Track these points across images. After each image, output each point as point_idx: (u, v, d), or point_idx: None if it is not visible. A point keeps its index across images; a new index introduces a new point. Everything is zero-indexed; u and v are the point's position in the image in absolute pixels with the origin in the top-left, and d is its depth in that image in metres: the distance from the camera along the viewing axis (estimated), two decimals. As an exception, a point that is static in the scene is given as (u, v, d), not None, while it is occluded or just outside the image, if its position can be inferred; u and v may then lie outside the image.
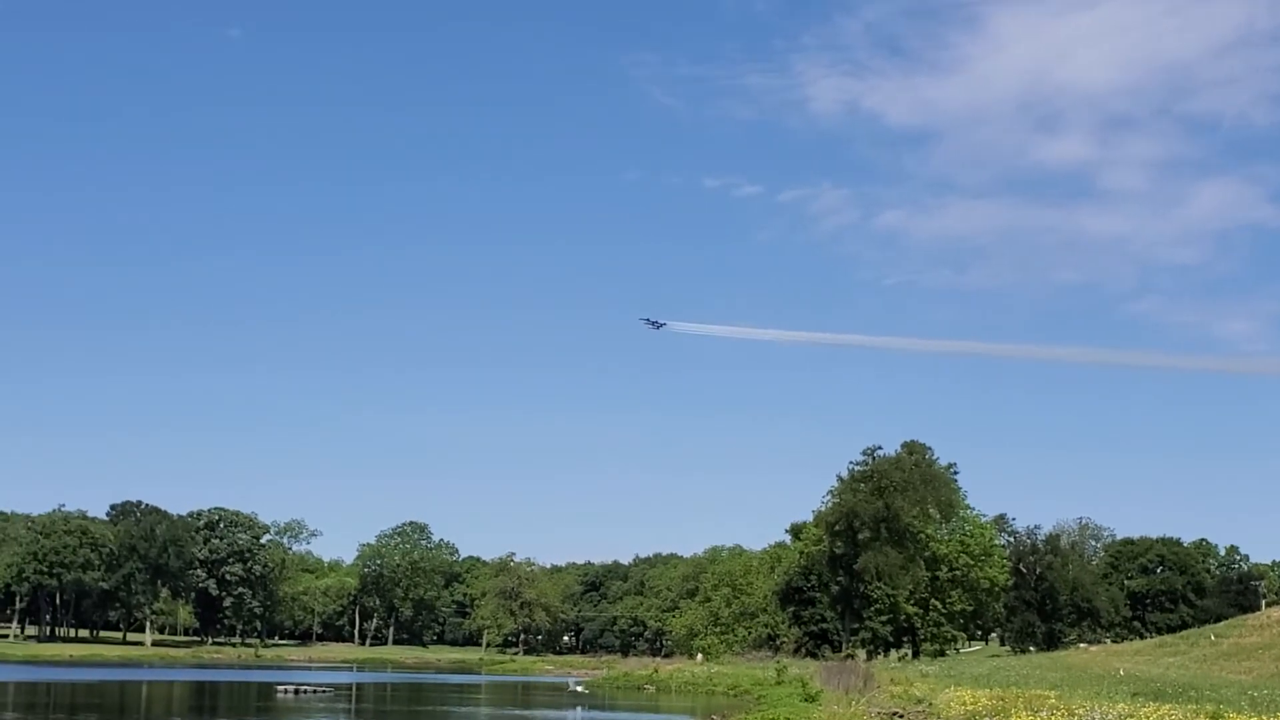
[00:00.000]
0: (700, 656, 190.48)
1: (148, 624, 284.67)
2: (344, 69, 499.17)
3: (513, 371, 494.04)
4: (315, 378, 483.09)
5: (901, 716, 69.02)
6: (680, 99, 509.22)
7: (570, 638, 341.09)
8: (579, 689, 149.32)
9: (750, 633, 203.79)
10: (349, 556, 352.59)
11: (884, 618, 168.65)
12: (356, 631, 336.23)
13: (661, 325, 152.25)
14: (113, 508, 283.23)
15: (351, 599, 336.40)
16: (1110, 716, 53.56)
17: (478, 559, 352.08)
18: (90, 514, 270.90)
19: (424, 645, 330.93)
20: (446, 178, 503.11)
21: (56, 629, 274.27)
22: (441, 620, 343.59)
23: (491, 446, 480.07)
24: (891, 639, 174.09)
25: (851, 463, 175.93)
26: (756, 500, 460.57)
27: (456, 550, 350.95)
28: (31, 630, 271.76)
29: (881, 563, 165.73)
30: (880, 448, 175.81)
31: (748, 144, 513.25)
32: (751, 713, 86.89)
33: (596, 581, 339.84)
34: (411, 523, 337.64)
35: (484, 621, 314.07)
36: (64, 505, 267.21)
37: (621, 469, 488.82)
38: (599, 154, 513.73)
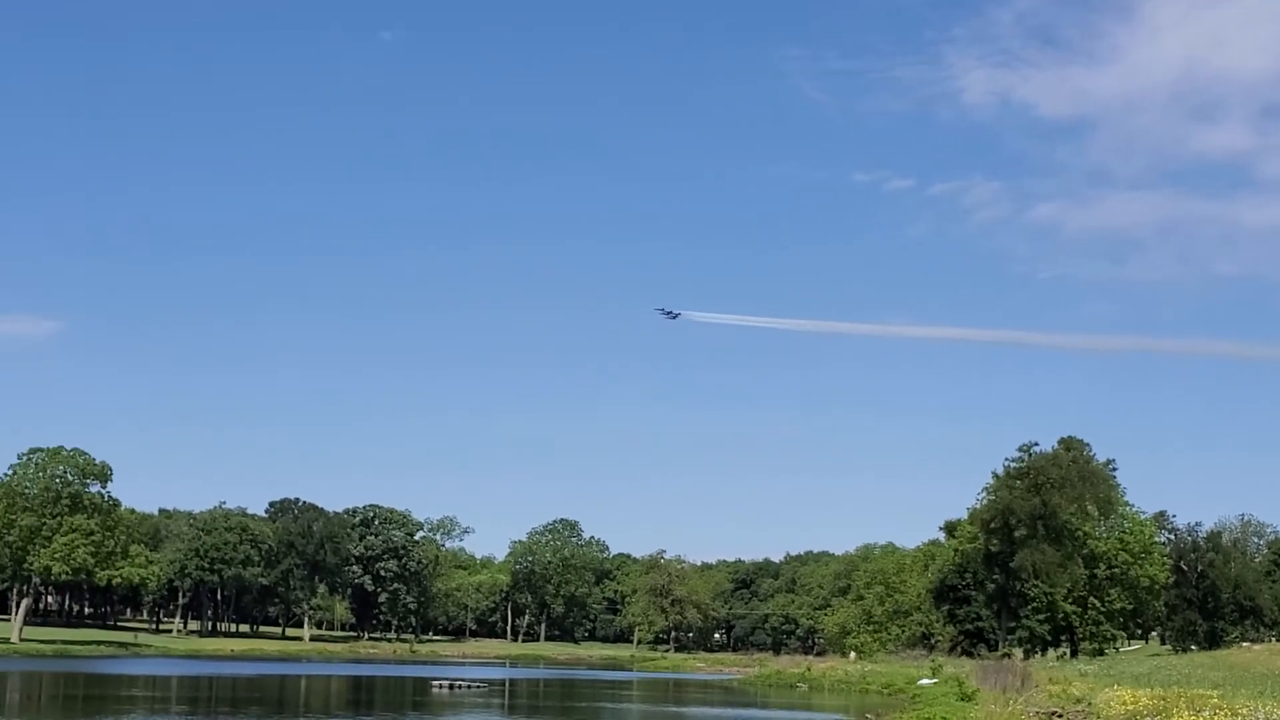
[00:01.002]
0: (853, 655, 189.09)
1: (306, 619, 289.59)
2: (491, 68, 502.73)
3: (663, 370, 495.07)
4: (468, 376, 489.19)
5: (1060, 716, 67.45)
6: (830, 93, 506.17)
7: (721, 635, 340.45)
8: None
9: (904, 631, 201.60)
10: (500, 553, 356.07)
11: (1041, 616, 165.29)
12: (509, 628, 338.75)
13: (676, 315, 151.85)
14: (271, 505, 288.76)
15: (504, 595, 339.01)
16: (1275, 717, 51.71)
17: (628, 556, 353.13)
18: (250, 511, 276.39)
19: (575, 641, 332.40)
20: (599, 175, 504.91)
21: (218, 624, 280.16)
22: (593, 617, 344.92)
23: (641, 444, 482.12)
24: (1049, 638, 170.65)
25: (1007, 459, 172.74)
26: (909, 497, 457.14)
27: (607, 547, 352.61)
28: (194, 625, 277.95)
29: (1038, 560, 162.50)
30: (1036, 444, 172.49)
31: (898, 137, 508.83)
32: (907, 711, 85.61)
33: (747, 579, 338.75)
34: (562, 520, 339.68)
35: (635, 618, 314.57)
36: (224, 502, 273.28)
37: (772, 466, 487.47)
38: (749, 149, 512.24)
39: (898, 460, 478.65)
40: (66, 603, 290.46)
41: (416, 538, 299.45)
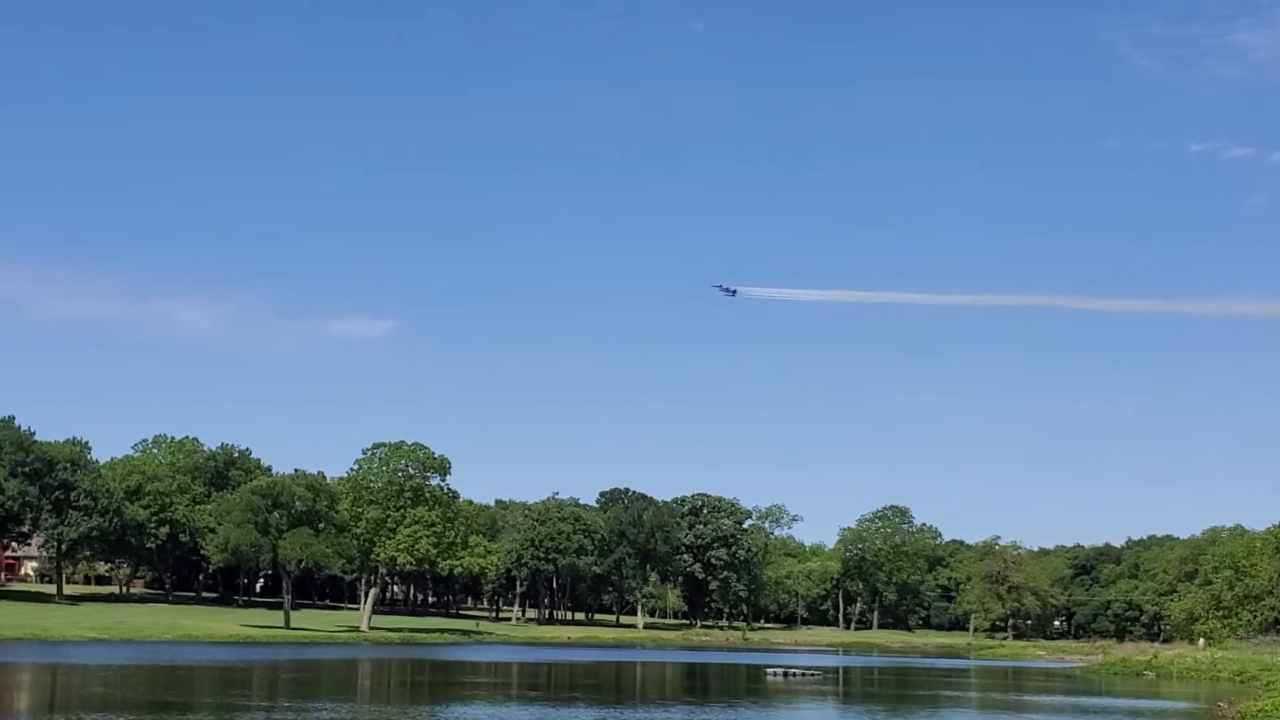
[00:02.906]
0: (1202, 642, 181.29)
1: (639, 607, 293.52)
2: (785, 57, 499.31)
3: (988, 356, 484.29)
4: (792, 365, 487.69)
5: None
6: (1160, 61, 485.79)
7: (1061, 622, 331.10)
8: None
9: (1255, 617, 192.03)
10: (830, 541, 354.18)
11: None
12: (840, 615, 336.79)
13: (735, 291, 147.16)
14: (602, 495, 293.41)
15: (834, 583, 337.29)
16: None
17: (961, 542, 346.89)
18: (581, 501, 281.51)
19: (909, 629, 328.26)
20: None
21: (554, 612, 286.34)
22: (926, 604, 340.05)
23: (971, 430, 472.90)
24: None
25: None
26: (1258, 479, 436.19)
27: (939, 534, 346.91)
28: (531, 613, 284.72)
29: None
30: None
31: (1236, 104, 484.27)
32: (1261, 699, 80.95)
33: (1087, 565, 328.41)
34: (893, 506, 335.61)
35: (970, 606, 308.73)
36: (557, 493, 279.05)
37: (1110, 450, 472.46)
38: (1076, 122, 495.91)
39: (1244, 441, 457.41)
40: (411, 592, 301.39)
41: (745, 526, 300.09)
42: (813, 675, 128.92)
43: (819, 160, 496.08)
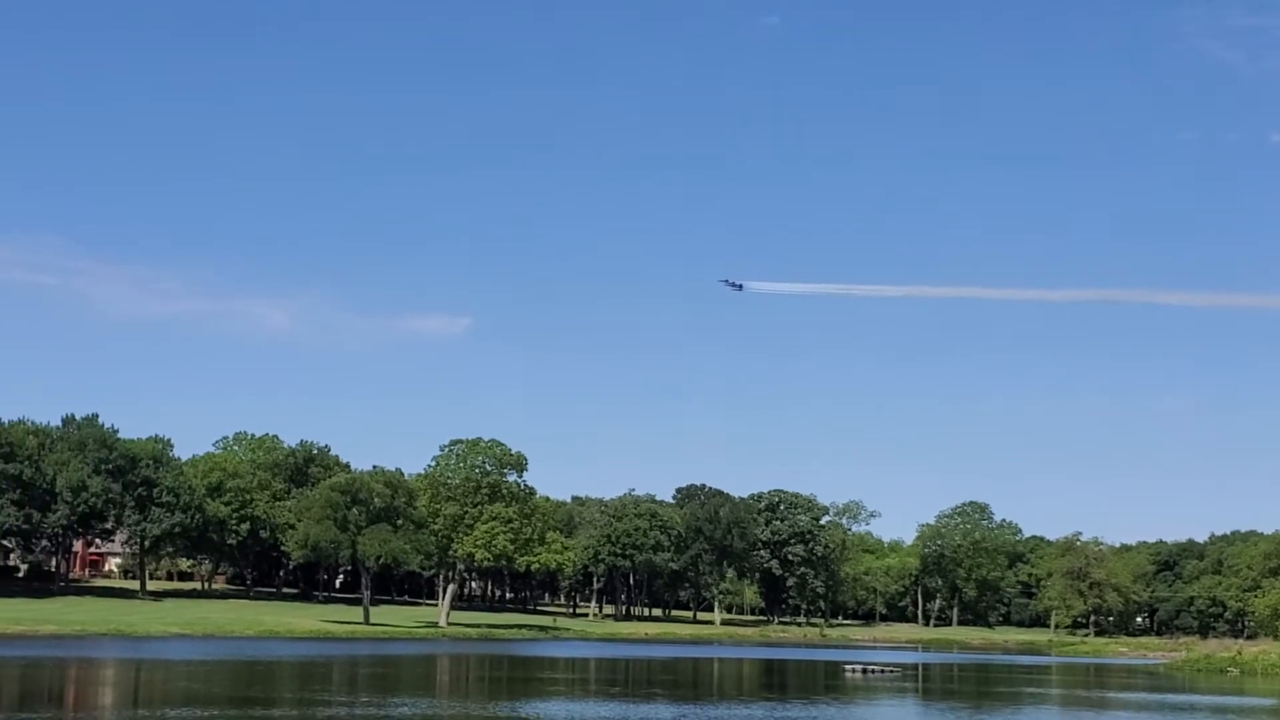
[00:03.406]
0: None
1: (716, 603, 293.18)
2: (864, 52, 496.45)
3: (1067, 352, 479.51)
4: (870, 362, 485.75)
5: None
6: (1237, 50, 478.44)
7: (1143, 619, 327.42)
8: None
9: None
10: (908, 537, 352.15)
11: None
12: (919, 612, 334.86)
13: (741, 286, 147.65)
14: (678, 491, 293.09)
15: (913, 579, 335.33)
16: None
17: (1041, 538, 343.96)
18: (658, 497, 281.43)
19: (989, 626, 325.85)
20: (982, 161, 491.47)
21: (631, 608, 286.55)
22: (1007, 601, 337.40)
23: (1051, 426, 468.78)
24: None
25: None
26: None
27: (1019, 530, 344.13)
28: (609, 609, 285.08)
29: None
30: None
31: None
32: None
33: (1170, 560, 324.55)
34: (972, 502, 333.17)
35: (1051, 602, 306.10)
36: (634, 489, 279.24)
37: (1190, 445, 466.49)
38: (1151, 114, 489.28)
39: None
40: (489, 588, 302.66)
41: (823, 522, 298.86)
42: (892, 672, 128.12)
43: (894, 156, 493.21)
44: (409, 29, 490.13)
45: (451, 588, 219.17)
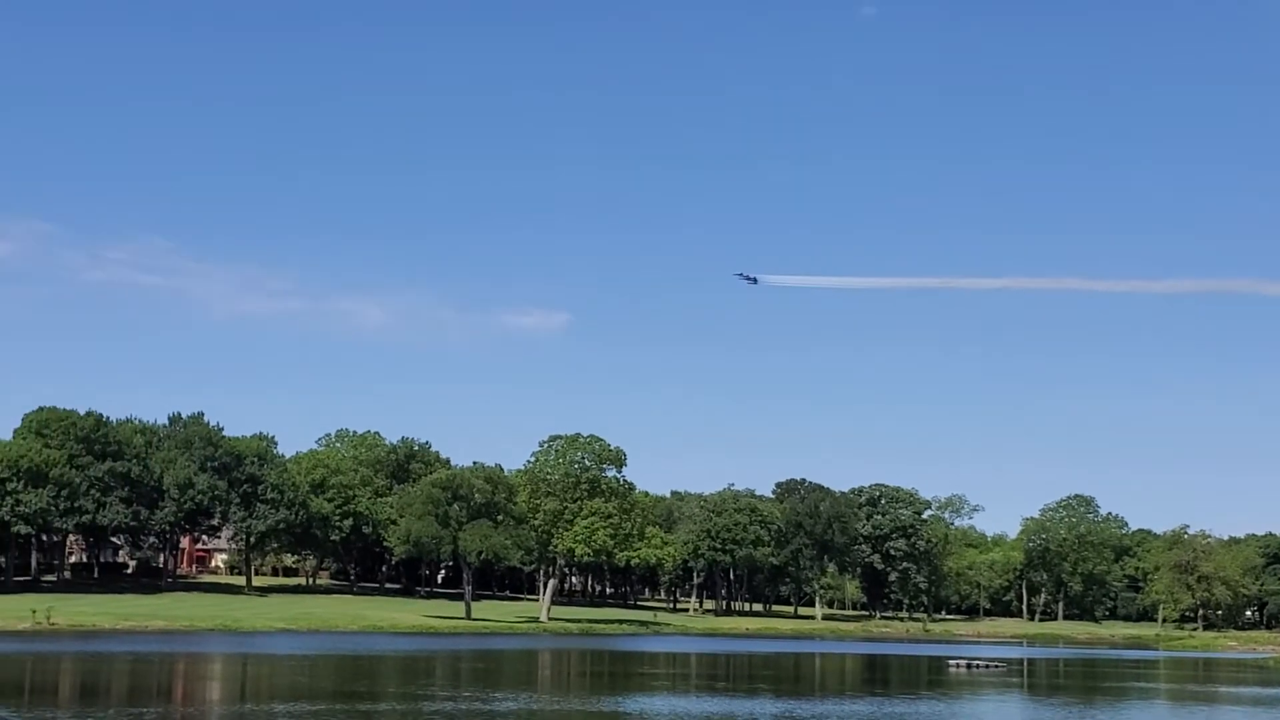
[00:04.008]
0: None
1: (817, 598, 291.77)
2: (965, 44, 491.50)
3: (1173, 344, 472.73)
4: (971, 357, 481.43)
5: None
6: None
7: (1253, 613, 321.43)
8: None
9: None
10: (1012, 531, 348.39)
11: None
12: (1024, 606, 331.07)
13: (756, 280, 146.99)
14: (778, 485, 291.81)
15: (1017, 574, 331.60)
16: None
17: (1148, 532, 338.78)
18: (757, 492, 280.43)
19: (1095, 620, 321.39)
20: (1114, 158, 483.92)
21: (732, 603, 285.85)
22: (1113, 595, 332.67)
23: (1157, 418, 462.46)
24: None
25: None
26: None
27: (1125, 523, 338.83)
28: (709, 604, 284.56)
29: None
30: None
31: None
32: None
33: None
34: (1077, 496, 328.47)
35: (1158, 596, 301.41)
36: (733, 484, 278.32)
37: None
38: (1255, 106, 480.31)
39: None
40: (589, 583, 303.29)
41: (925, 516, 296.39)
42: (997, 667, 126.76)
43: (990, 147, 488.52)
44: (506, 28, 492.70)
45: (552, 583, 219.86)
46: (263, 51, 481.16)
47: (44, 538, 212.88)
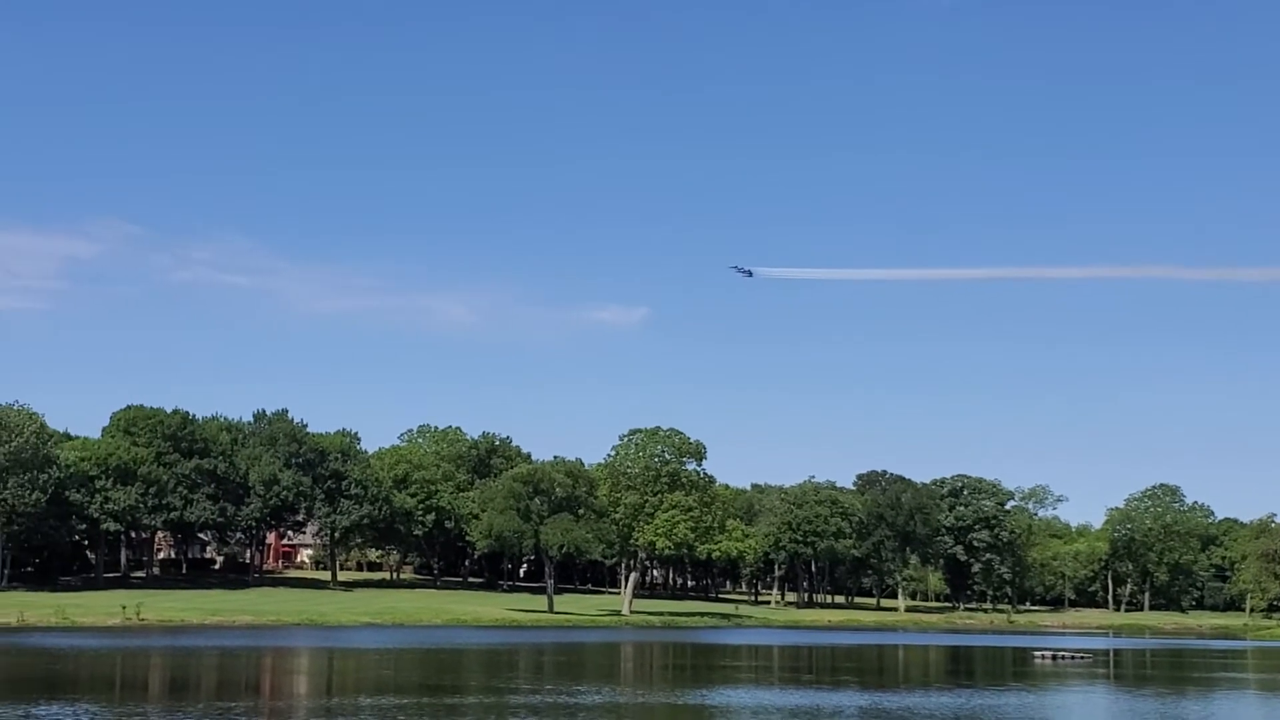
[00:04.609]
0: None
1: (899, 590, 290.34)
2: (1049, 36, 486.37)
3: (1257, 333, 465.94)
4: (1052, 348, 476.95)
5: None
6: None
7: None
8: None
9: None
10: (1096, 521, 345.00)
11: None
12: (1109, 597, 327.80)
13: (751, 273, 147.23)
14: (859, 477, 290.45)
15: (1102, 564, 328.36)
16: None
17: (1235, 521, 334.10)
18: (838, 484, 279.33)
19: (1182, 610, 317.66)
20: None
21: (814, 595, 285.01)
22: (1200, 585, 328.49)
23: (1243, 407, 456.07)
24: None
25: None
26: None
27: (1212, 512, 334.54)
28: (791, 597, 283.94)
29: None
30: None
31: None
32: None
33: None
34: (1162, 485, 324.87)
35: (1246, 585, 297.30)
36: (813, 476, 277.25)
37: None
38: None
39: None
40: (670, 576, 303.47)
41: (1008, 507, 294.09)
42: (1083, 658, 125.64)
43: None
44: (597, 19, 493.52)
45: (633, 576, 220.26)
46: (348, 48, 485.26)
47: (133, 535, 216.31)
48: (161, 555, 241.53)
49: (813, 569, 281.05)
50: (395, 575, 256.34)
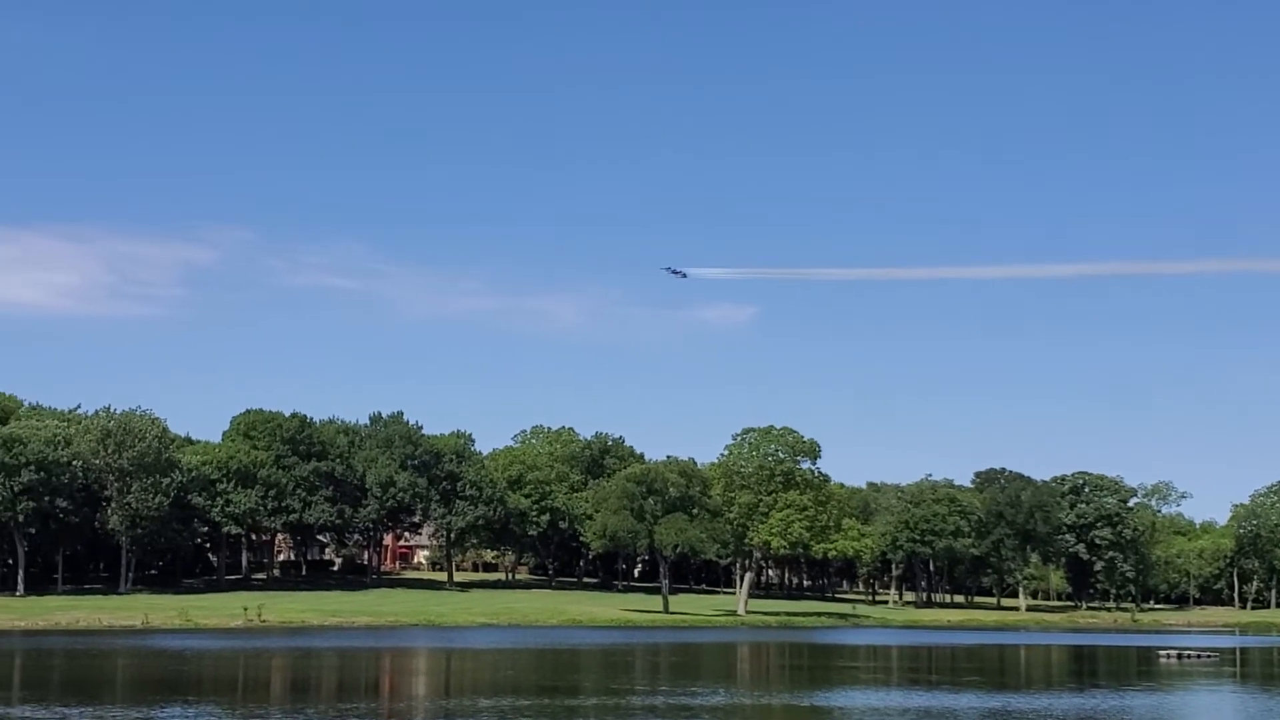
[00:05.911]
0: None
1: (1020, 589, 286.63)
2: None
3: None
4: (1172, 344, 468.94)
5: None
6: None
7: None
8: None
9: None
10: (1221, 518, 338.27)
11: None
12: (1235, 594, 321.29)
13: (684, 274, 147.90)
14: (977, 475, 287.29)
15: (1228, 561, 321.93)
16: None
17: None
18: (956, 482, 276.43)
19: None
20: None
21: (932, 595, 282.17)
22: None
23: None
24: None
25: None
26: None
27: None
28: (909, 596, 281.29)
29: None
30: None
31: None
32: None
33: None
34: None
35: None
36: (931, 474, 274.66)
37: None
38: None
39: None
40: (786, 576, 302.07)
41: (1130, 504, 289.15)
42: (1209, 657, 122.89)
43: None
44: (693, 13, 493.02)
45: (749, 576, 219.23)
46: (457, 50, 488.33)
47: (253, 537, 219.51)
48: (281, 557, 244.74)
49: (931, 568, 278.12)
50: (511, 576, 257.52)
